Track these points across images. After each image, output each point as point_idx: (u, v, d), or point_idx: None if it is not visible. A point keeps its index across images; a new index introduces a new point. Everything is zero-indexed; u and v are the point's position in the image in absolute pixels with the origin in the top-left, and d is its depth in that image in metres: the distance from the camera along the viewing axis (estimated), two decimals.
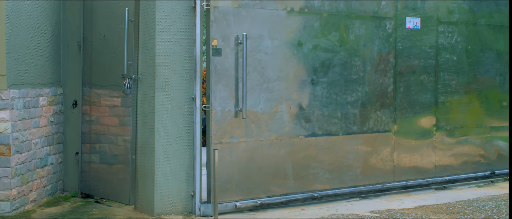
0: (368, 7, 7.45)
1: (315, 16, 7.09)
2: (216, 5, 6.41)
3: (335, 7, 7.22)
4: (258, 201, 6.72)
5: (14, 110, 6.15)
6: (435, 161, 8.13)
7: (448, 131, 8.25)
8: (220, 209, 6.47)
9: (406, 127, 7.85)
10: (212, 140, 6.43)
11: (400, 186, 7.77)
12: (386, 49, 7.63)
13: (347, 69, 7.34)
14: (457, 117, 8.33)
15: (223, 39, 6.46)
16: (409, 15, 7.80)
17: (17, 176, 6.22)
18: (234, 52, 6.54)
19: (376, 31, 7.54)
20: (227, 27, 6.49)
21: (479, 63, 8.50)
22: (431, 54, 8.04)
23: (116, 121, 6.85)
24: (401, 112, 7.79)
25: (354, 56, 7.39)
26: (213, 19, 6.40)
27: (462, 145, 8.40)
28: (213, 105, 6.43)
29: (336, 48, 7.26)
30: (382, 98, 7.62)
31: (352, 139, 7.36)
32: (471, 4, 8.38)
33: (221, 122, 6.49)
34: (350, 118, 7.36)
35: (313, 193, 7.09)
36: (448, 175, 8.22)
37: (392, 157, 7.74)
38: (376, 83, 7.57)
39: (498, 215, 6.57)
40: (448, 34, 8.18)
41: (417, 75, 7.92)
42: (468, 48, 8.39)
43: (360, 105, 7.45)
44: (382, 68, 7.62)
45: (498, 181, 8.56)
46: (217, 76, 6.45)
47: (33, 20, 6.56)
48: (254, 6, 6.67)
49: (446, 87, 8.18)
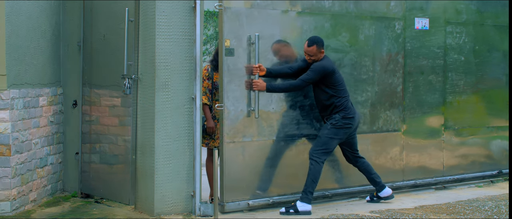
0: (377, 8, 7.51)
1: (326, 16, 7.14)
2: (229, 6, 6.45)
3: (345, 8, 7.27)
4: (270, 200, 6.76)
5: (14, 110, 6.15)
6: (443, 160, 8.18)
7: (456, 131, 8.30)
8: (233, 207, 6.55)
9: (415, 126, 7.90)
10: (225, 139, 6.47)
11: (409, 185, 7.84)
12: (395, 50, 7.69)
13: (357, 70, 7.39)
14: (465, 116, 8.38)
15: (235, 40, 6.51)
16: (418, 15, 7.85)
17: (17, 176, 6.22)
18: (247, 52, 6.59)
19: (386, 32, 7.60)
20: (239, 28, 6.54)
21: (486, 64, 8.55)
22: (440, 55, 8.09)
23: (116, 121, 6.86)
24: (410, 112, 7.85)
25: (364, 57, 7.44)
26: (226, 19, 6.43)
27: (469, 144, 8.46)
28: (226, 105, 6.47)
29: (346, 49, 7.32)
30: (391, 98, 7.68)
31: (362, 139, 7.38)
32: (479, 5, 8.43)
33: (234, 121, 6.54)
34: (360, 117, 7.40)
35: (324, 191, 7.14)
36: (456, 174, 8.27)
37: (401, 156, 7.79)
38: (386, 83, 7.63)
39: (498, 215, 6.57)
40: (456, 34, 8.24)
41: (426, 75, 7.97)
42: (476, 48, 8.44)
43: (370, 105, 7.50)
44: (392, 69, 7.67)
45: (498, 181, 8.56)
46: (230, 76, 6.49)
47: (33, 20, 6.56)
48: (266, 6, 6.72)
49: (454, 87, 8.23)
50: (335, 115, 6.68)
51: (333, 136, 6.65)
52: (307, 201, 6.54)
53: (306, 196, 6.55)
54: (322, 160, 6.60)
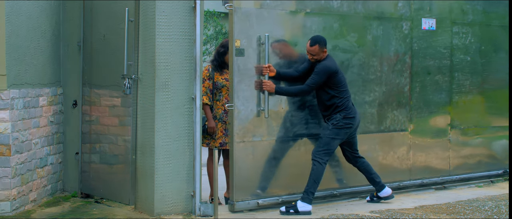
0: (385, 8, 7.56)
1: (334, 17, 7.18)
2: (239, 6, 6.48)
3: (353, 8, 7.31)
4: (280, 199, 6.79)
5: (14, 110, 6.15)
6: (449, 159, 8.23)
7: (462, 130, 8.35)
8: (242, 206, 6.60)
9: (421, 126, 7.95)
10: (235, 139, 6.52)
11: (416, 184, 7.88)
12: (402, 50, 7.73)
13: (365, 70, 7.43)
14: (471, 116, 8.44)
15: (245, 40, 6.54)
16: (425, 16, 7.89)
17: (17, 176, 6.22)
18: (256, 52, 6.63)
19: (393, 32, 7.65)
20: (249, 28, 6.58)
21: (492, 64, 8.60)
22: (446, 55, 8.14)
23: (116, 121, 6.85)
24: (417, 112, 7.89)
25: (372, 57, 7.49)
26: (236, 20, 6.47)
27: (475, 143, 8.51)
28: (236, 104, 6.51)
29: (354, 49, 7.36)
30: (398, 98, 7.73)
31: (370, 138, 7.46)
32: (485, 6, 8.49)
33: (243, 120, 6.58)
34: (368, 117, 7.47)
35: (332, 190, 7.18)
36: (462, 173, 8.32)
37: (408, 155, 7.84)
38: (393, 83, 7.67)
39: (498, 215, 6.57)
40: (462, 35, 8.29)
41: (433, 75, 8.01)
42: (482, 48, 8.50)
43: (377, 105, 7.55)
44: (399, 69, 7.71)
45: (498, 181, 8.57)
46: (240, 76, 6.53)
47: (33, 20, 6.56)
48: (275, 7, 6.75)
49: (460, 87, 8.28)
50: (336, 115, 6.68)
51: (335, 136, 6.66)
52: (308, 201, 6.55)
53: (307, 196, 6.56)
54: (325, 161, 6.60)
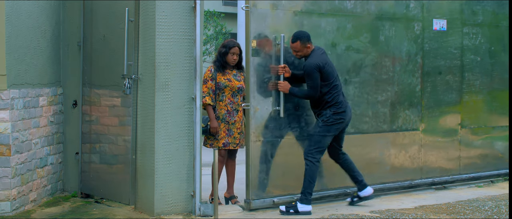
0: (397, 9, 7.65)
1: (348, 18, 7.25)
2: (255, 6, 6.56)
3: (366, 9, 7.39)
4: (294, 197, 6.81)
5: (14, 110, 6.15)
6: (460, 158, 8.29)
7: (472, 130, 8.44)
8: (258, 204, 6.68)
9: (432, 125, 8.03)
10: (251, 138, 6.60)
11: (428, 183, 7.96)
12: (414, 50, 7.81)
13: (378, 70, 7.51)
14: (481, 116, 8.53)
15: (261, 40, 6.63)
16: (436, 17, 7.95)
17: (17, 176, 6.22)
18: (272, 52, 6.70)
19: (405, 33, 7.73)
20: (265, 29, 6.64)
21: (502, 64, 8.67)
22: (457, 55, 8.21)
23: (116, 121, 6.85)
24: (428, 111, 7.97)
25: (384, 57, 7.57)
26: (252, 20, 6.54)
27: (485, 143, 8.60)
28: (252, 104, 6.59)
29: (367, 49, 7.44)
30: (410, 97, 7.81)
31: (382, 137, 7.56)
32: (494, 7, 8.56)
33: (259, 120, 6.63)
34: (380, 116, 7.55)
35: (346, 189, 7.22)
36: (472, 172, 8.39)
37: (420, 154, 7.91)
38: (405, 83, 7.75)
39: (498, 215, 6.57)
40: (472, 35, 8.37)
41: (443, 75, 8.10)
42: (491, 49, 8.58)
43: (389, 104, 7.63)
44: (411, 69, 7.79)
45: (498, 181, 8.57)
46: (256, 76, 6.60)
47: (33, 20, 6.56)
48: (290, 7, 6.82)
49: (470, 87, 8.36)
50: (326, 111, 6.61)
51: (326, 133, 6.60)
52: (307, 202, 6.54)
53: (305, 198, 6.55)
54: (317, 159, 6.57)
